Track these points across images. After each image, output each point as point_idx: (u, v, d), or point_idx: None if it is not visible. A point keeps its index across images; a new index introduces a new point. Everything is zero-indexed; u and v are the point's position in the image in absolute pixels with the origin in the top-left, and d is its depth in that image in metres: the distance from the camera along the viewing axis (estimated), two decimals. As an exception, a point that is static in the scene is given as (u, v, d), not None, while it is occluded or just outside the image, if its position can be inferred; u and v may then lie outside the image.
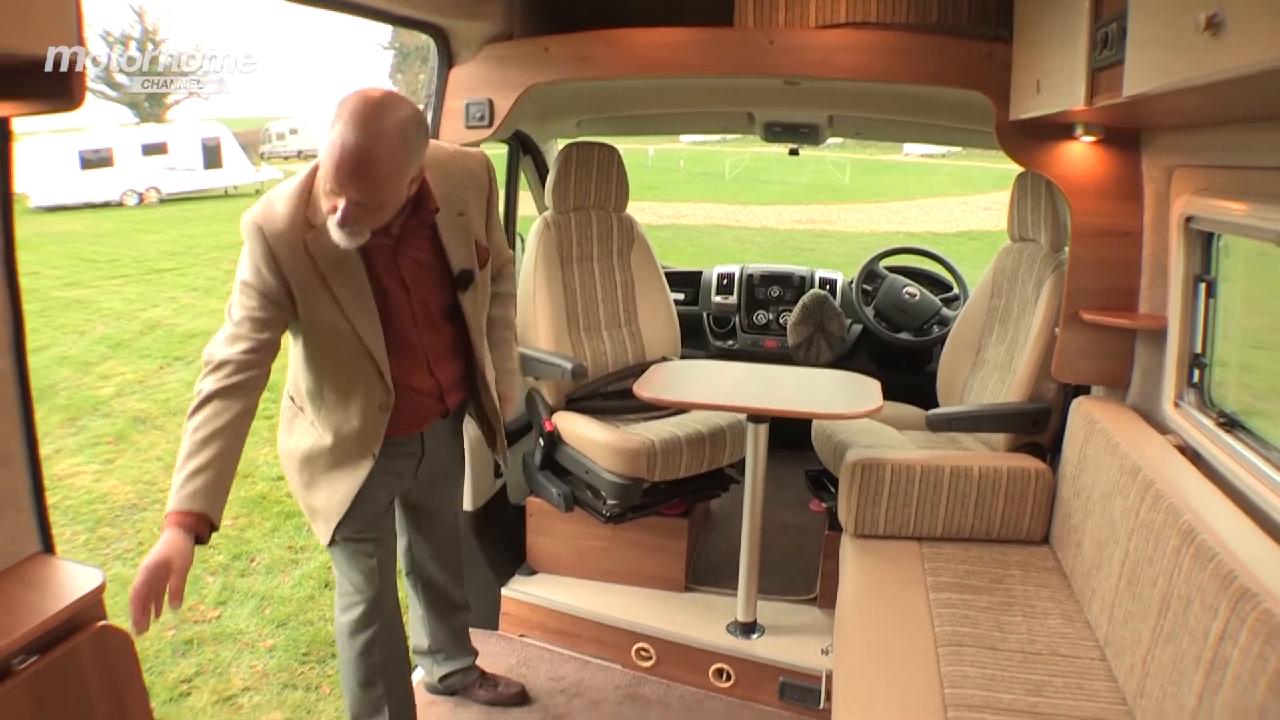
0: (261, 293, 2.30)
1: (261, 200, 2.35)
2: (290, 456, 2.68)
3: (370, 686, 2.82)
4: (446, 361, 2.66)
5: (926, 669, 2.36)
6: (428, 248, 2.52)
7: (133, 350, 9.81)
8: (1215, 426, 2.44)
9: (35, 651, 1.56)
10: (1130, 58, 1.85)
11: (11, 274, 1.67)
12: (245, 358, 2.28)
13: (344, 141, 2.11)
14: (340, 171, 2.12)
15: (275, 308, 2.33)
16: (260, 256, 2.29)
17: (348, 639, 2.79)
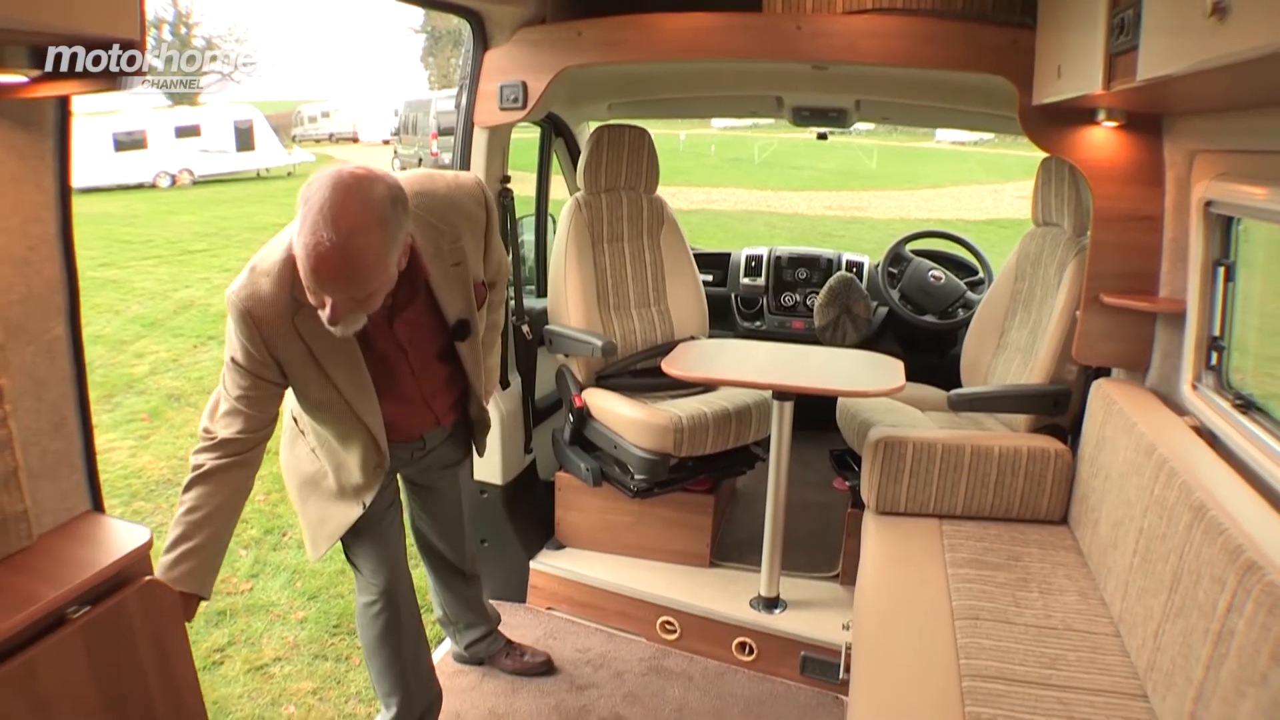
0: (252, 372, 2.25)
1: (245, 276, 2.23)
2: (290, 472, 2.74)
3: (390, 666, 2.91)
4: (441, 393, 2.67)
5: (943, 640, 2.41)
6: (422, 307, 2.45)
7: (166, 329, 9.91)
8: (1231, 408, 2.47)
9: (87, 602, 1.65)
10: (1144, 43, 1.89)
11: (68, 246, 1.76)
12: (243, 437, 2.26)
13: (318, 243, 1.95)
14: (322, 276, 2.00)
15: (269, 385, 2.29)
16: (248, 338, 2.22)
17: (365, 622, 2.88)
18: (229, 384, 2.27)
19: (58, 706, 1.58)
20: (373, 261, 2.01)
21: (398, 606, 2.85)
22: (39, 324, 1.72)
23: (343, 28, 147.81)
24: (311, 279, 2.00)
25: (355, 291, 2.04)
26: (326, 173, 2.01)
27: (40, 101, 1.64)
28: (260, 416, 2.29)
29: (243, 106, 28.71)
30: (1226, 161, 2.49)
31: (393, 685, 2.92)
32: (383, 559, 2.79)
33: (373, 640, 2.88)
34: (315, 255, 1.96)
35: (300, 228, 1.98)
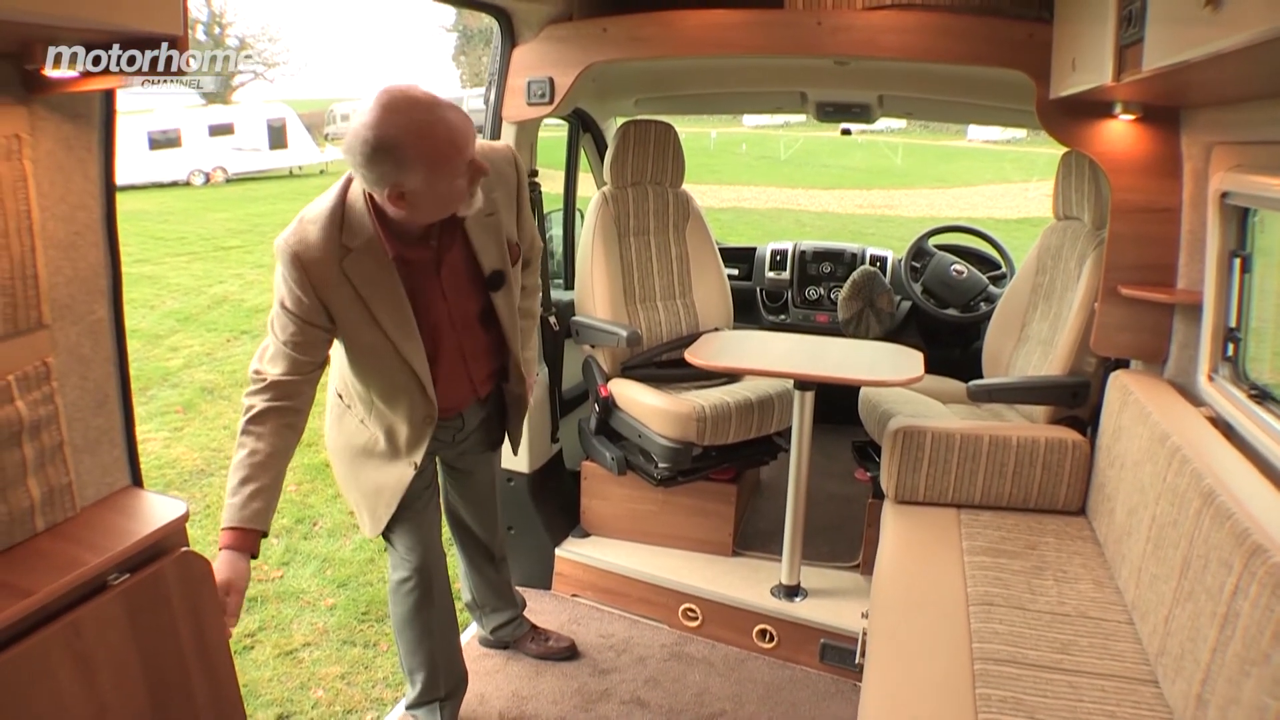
0: (301, 318, 2.31)
1: (294, 225, 2.32)
2: (340, 452, 2.78)
3: (419, 643, 2.97)
4: (481, 359, 2.71)
5: (957, 625, 2.45)
6: (460, 253, 2.51)
7: (200, 324, 10.06)
8: (1247, 399, 2.49)
9: (127, 570, 1.74)
10: (1149, 34, 1.93)
11: (112, 231, 1.84)
12: (292, 378, 2.33)
13: (433, 143, 2.11)
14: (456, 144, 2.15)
15: (317, 330, 2.35)
16: (297, 283, 2.29)
17: (397, 598, 2.94)
18: (277, 328, 2.34)
19: (101, 664, 1.66)
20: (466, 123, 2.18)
21: (430, 585, 2.91)
22: (84, 306, 1.80)
23: (375, 26, 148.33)
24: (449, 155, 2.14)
25: (469, 154, 2.18)
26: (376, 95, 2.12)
27: (87, 95, 1.72)
28: (308, 361, 2.36)
29: (276, 105, 28.94)
30: (1243, 153, 2.51)
31: (420, 662, 2.99)
32: (419, 538, 2.85)
33: (404, 616, 2.95)
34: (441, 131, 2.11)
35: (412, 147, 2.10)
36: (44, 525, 1.72)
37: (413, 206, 2.22)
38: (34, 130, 1.62)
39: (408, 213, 2.24)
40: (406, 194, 2.18)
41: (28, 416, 1.66)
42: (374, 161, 2.11)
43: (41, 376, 1.68)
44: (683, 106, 5.07)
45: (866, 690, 2.31)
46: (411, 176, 2.14)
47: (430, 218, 2.31)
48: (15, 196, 1.58)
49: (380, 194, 2.20)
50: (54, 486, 1.73)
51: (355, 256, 2.30)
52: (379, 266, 2.34)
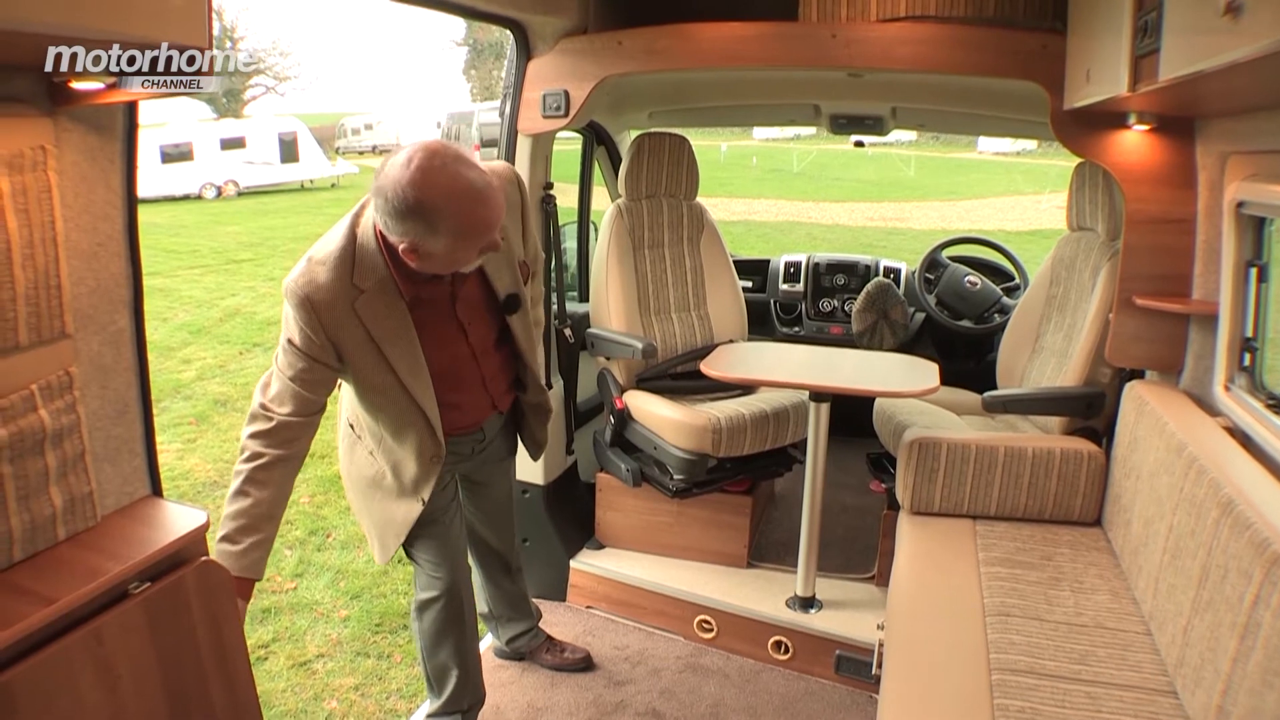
0: (310, 356, 2.31)
1: (303, 266, 2.31)
2: (352, 481, 2.80)
3: (451, 659, 2.97)
4: (499, 378, 2.75)
5: (973, 636, 2.44)
6: (475, 284, 2.53)
7: (213, 336, 10.11)
8: (1264, 408, 2.48)
9: (148, 579, 1.75)
10: (1165, 44, 1.93)
11: (133, 242, 1.86)
12: (299, 420, 2.34)
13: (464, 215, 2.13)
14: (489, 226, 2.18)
15: (326, 369, 2.34)
16: (307, 324, 2.28)
17: (428, 617, 2.93)
18: (284, 365, 2.33)
19: (123, 671, 1.67)
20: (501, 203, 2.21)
21: (460, 602, 2.91)
22: (106, 315, 1.82)
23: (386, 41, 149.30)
24: (480, 225, 2.16)
25: (494, 234, 2.21)
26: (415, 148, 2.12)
27: (111, 107, 1.74)
28: (314, 400, 2.35)
29: (287, 119, 29.15)
30: (1258, 162, 2.51)
31: (447, 679, 2.99)
32: (445, 555, 2.86)
33: (434, 635, 2.94)
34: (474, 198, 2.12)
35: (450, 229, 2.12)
36: (66, 534, 1.74)
37: (423, 261, 2.22)
38: (59, 142, 1.64)
39: (416, 264, 2.23)
40: (421, 252, 2.19)
41: (50, 425, 1.67)
42: (406, 217, 2.11)
43: (64, 386, 1.70)
44: (697, 119, 5.07)
45: (884, 702, 2.31)
46: (435, 242, 2.16)
47: (440, 269, 2.29)
48: (40, 207, 1.60)
49: (394, 241, 2.20)
50: (75, 495, 1.74)
51: (367, 298, 2.31)
52: (391, 307, 2.35)
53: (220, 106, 46.73)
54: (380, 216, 2.19)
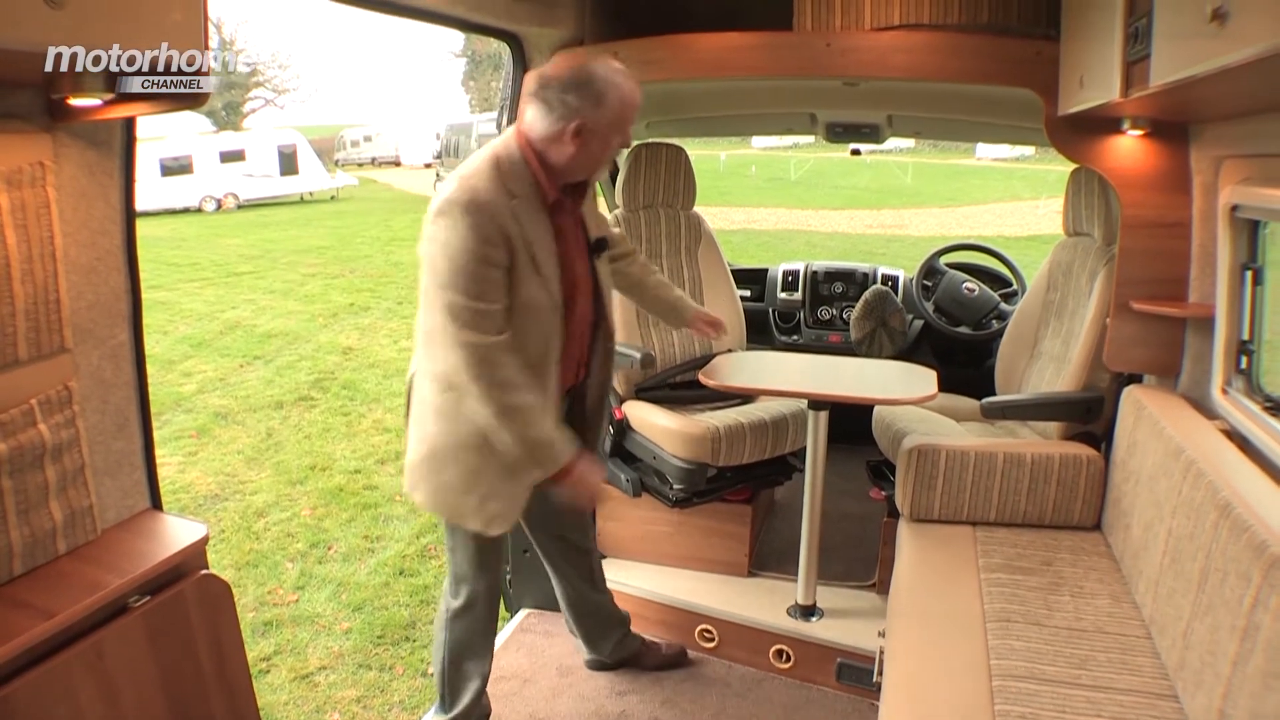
0: (492, 263, 2.36)
1: (454, 184, 2.39)
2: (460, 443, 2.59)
3: (476, 667, 2.97)
4: (581, 339, 2.72)
5: (974, 642, 2.44)
6: (581, 222, 2.68)
7: (213, 349, 10.11)
8: (1261, 411, 2.48)
9: (148, 592, 1.76)
10: (1156, 50, 1.94)
11: (132, 257, 1.88)
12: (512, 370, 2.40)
13: (630, 90, 2.42)
14: (637, 96, 2.45)
15: (501, 273, 2.39)
16: (476, 227, 2.33)
17: (464, 622, 2.90)
18: (464, 290, 2.34)
19: (122, 685, 1.68)
20: None
21: (493, 614, 2.93)
22: (105, 330, 1.83)
23: (384, 53, 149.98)
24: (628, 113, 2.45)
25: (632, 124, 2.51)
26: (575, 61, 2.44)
27: (109, 123, 1.75)
28: (500, 310, 2.40)
29: (286, 131, 29.27)
30: (1252, 166, 2.51)
31: (465, 691, 2.98)
32: (493, 561, 2.86)
33: (464, 645, 2.93)
34: (635, 92, 2.45)
35: (607, 86, 2.39)
36: (66, 548, 1.75)
37: (583, 148, 2.42)
38: (57, 157, 1.65)
39: (574, 153, 2.42)
40: (584, 132, 2.40)
41: (50, 440, 1.68)
42: (578, 89, 2.37)
43: (64, 400, 1.71)
44: (694, 129, 5.09)
45: (885, 709, 2.31)
46: (601, 116, 2.39)
47: (584, 167, 2.50)
48: (39, 222, 1.61)
49: (559, 129, 2.40)
50: (75, 509, 1.75)
51: (520, 203, 2.43)
52: (538, 214, 2.48)
53: (219, 119, 46.88)
54: (544, 106, 2.41)
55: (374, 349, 10.07)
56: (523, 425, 2.39)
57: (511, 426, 2.38)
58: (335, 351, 9.96)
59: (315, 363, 9.49)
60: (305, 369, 9.22)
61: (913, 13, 3.09)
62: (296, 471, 6.43)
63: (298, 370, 9.17)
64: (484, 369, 2.36)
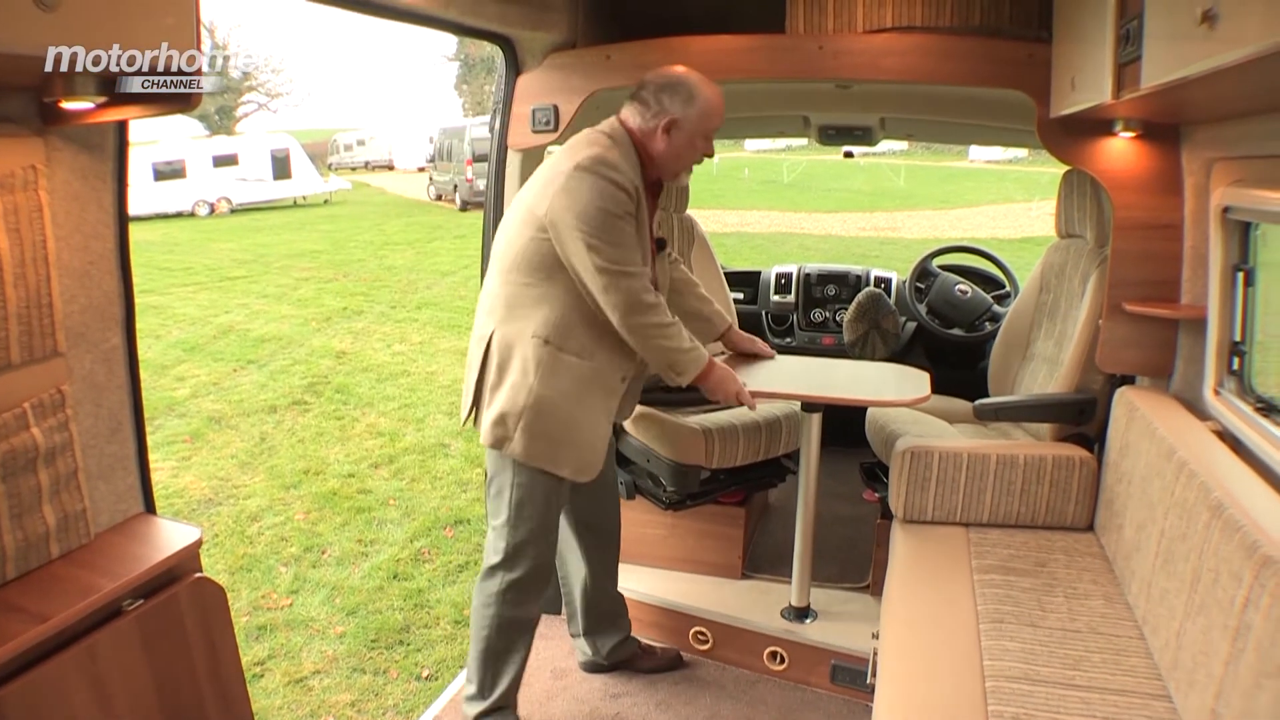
0: (631, 216, 2.67)
1: (588, 155, 2.66)
2: (562, 396, 2.77)
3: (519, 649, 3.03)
4: None
5: (967, 643, 2.44)
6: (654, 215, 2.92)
7: (207, 354, 10.08)
8: (1253, 412, 2.49)
9: (141, 596, 1.76)
10: (1147, 52, 1.95)
11: (125, 261, 1.87)
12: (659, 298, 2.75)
13: (715, 96, 2.76)
14: (722, 103, 2.78)
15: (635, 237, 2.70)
16: (624, 185, 2.64)
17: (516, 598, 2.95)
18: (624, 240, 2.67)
19: (116, 689, 1.68)
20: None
21: (545, 589, 3.03)
22: (98, 334, 1.83)
23: (378, 57, 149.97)
24: (716, 118, 2.78)
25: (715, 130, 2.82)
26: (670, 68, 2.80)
27: (102, 126, 1.75)
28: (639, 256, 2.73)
29: (279, 135, 29.18)
30: (1243, 167, 2.52)
31: (505, 671, 3.04)
32: (553, 533, 2.98)
33: (516, 618, 2.99)
34: (720, 99, 2.78)
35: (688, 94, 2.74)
36: (59, 551, 1.75)
37: (672, 143, 2.75)
38: (50, 161, 1.65)
39: (665, 148, 2.75)
40: (674, 129, 2.73)
41: (43, 443, 1.68)
42: (673, 90, 2.73)
43: (57, 404, 1.71)
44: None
45: (878, 711, 2.30)
46: (690, 112, 2.72)
47: (673, 163, 2.81)
48: (31, 226, 1.61)
49: (655, 122, 2.74)
50: (69, 513, 1.75)
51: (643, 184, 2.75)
52: (641, 199, 2.73)
53: (213, 124, 46.80)
54: (641, 105, 2.78)
55: (367, 353, 10.05)
56: (676, 337, 2.76)
57: (669, 343, 2.75)
58: (329, 356, 9.95)
59: (309, 367, 9.47)
60: (299, 373, 9.20)
61: (905, 15, 3.10)
62: (290, 476, 6.41)
63: (291, 374, 9.15)
64: (648, 297, 2.69)
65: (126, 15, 1.42)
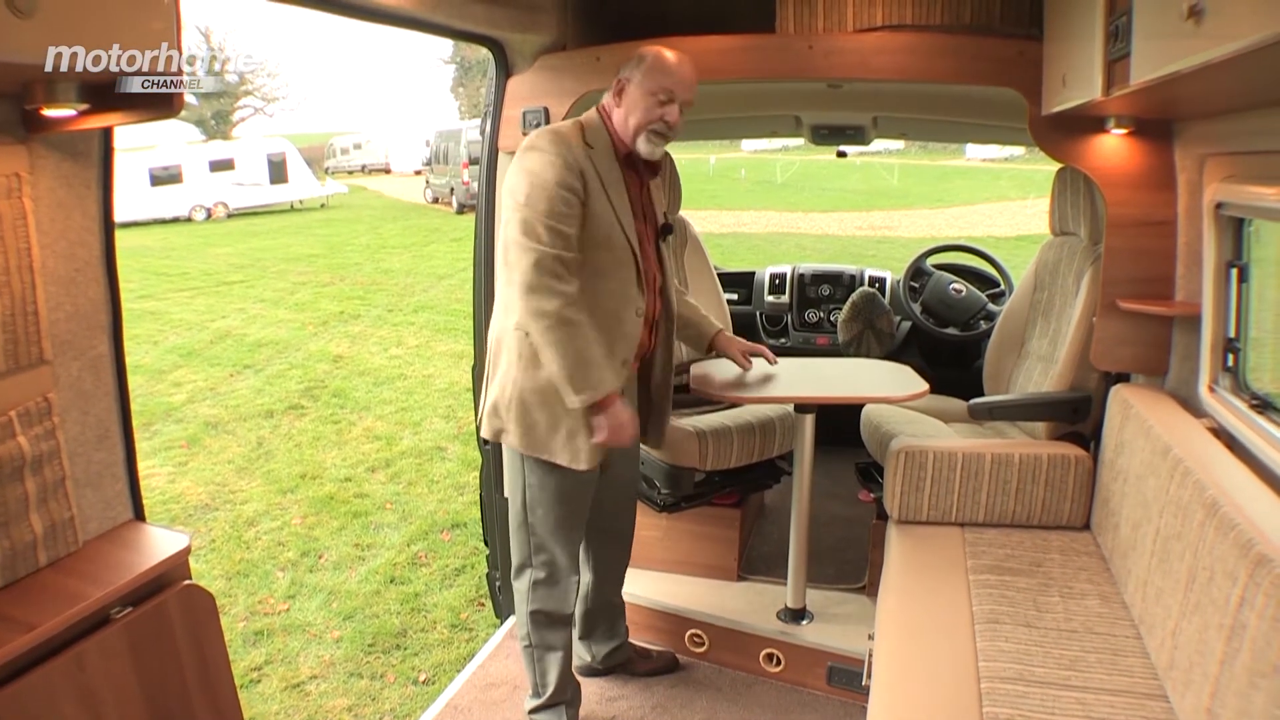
0: (569, 189, 2.64)
1: (540, 133, 2.73)
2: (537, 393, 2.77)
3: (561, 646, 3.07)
4: (652, 295, 2.93)
5: (963, 644, 2.44)
6: (648, 197, 2.94)
7: (203, 359, 10.09)
8: (1248, 409, 2.49)
9: (130, 603, 1.75)
10: (1136, 48, 1.95)
11: (111, 268, 1.86)
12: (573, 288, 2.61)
13: (669, 55, 2.73)
14: (681, 69, 2.73)
15: (577, 201, 2.67)
16: (558, 155, 2.64)
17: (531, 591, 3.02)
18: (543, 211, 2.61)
19: (104, 697, 1.67)
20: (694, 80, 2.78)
21: (573, 585, 3.04)
22: (85, 341, 1.82)
23: (374, 60, 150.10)
24: (671, 77, 2.72)
25: (692, 92, 2.77)
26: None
27: (86, 133, 1.74)
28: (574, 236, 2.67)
29: (276, 140, 29.20)
30: (1236, 164, 2.52)
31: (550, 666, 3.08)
32: (570, 529, 2.99)
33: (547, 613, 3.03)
34: (672, 60, 2.73)
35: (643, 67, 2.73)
36: (47, 560, 1.74)
37: (622, 104, 2.76)
38: (34, 169, 1.65)
39: (618, 111, 2.77)
40: (623, 91, 2.75)
41: (30, 452, 1.67)
42: (629, 62, 2.76)
43: (43, 412, 1.70)
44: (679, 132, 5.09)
45: (872, 713, 2.30)
46: (636, 73, 2.73)
47: (623, 126, 2.78)
48: (15, 234, 1.60)
49: (613, 91, 2.78)
50: (56, 521, 1.74)
51: (596, 153, 2.74)
52: (612, 164, 2.77)
53: (209, 128, 46.84)
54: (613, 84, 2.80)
55: (364, 357, 10.06)
56: (574, 339, 2.58)
57: (563, 339, 2.58)
58: (325, 360, 9.95)
59: (305, 371, 9.47)
60: (295, 377, 9.21)
61: (895, 14, 3.10)
62: (287, 480, 6.42)
63: (288, 379, 9.15)
64: (547, 278, 2.57)
65: (108, 19, 1.41)
